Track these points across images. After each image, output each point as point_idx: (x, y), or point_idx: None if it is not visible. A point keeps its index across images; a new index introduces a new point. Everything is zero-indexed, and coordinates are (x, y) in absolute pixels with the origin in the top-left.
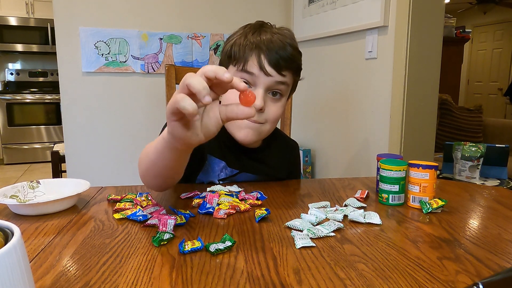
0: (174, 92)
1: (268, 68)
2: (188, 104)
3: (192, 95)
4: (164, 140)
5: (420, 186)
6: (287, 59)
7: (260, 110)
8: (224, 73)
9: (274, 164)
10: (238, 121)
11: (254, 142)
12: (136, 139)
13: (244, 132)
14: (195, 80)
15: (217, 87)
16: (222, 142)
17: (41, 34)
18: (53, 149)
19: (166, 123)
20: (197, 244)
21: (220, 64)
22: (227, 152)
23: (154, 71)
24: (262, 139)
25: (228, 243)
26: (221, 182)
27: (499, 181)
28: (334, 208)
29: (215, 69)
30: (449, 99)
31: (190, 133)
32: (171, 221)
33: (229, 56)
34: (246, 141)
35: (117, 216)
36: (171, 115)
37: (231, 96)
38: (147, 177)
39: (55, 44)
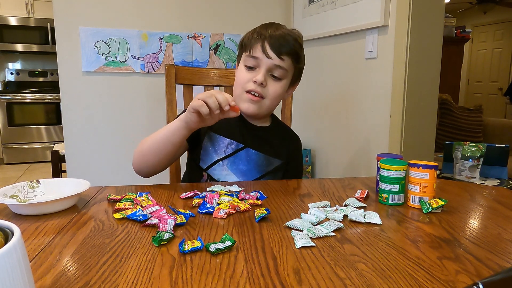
0: (174, 91)
1: (269, 52)
2: (205, 110)
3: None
4: (180, 121)
5: (420, 186)
6: (286, 46)
7: (262, 85)
8: (225, 106)
9: (275, 145)
10: (244, 95)
11: (254, 114)
12: (136, 139)
13: (246, 104)
14: (211, 101)
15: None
16: (231, 121)
17: (41, 34)
18: (53, 149)
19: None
20: (197, 244)
21: (238, 55)
22: (235, 129)
23: (154, 71)
24: (261, 113)
25: (228, 243)
26: (225, 160)
27: (499, 181)
28: (334, 208)
29: (222, 101)
30: (449, 99)
31: (200, 120)
32: (171, 221)
33: (241, 46)
34: (249, 112)
35: (117, 216)
36: (192, 110)
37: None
38: (147, 155)
39: (55, 44)
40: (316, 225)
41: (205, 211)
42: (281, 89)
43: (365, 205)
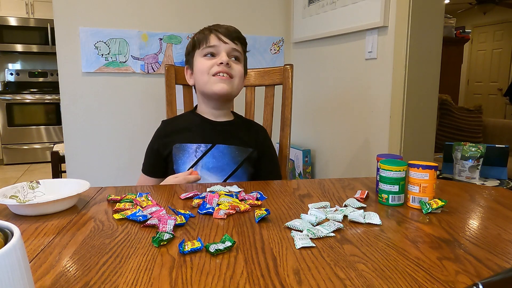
0: (174, 91)
1: (224, 38)
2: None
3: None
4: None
5: (420, 186)
6: (235, 33)
7: (228, 65)
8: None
9: (242, 136)
10: (213, 78)
11: (228, 93)
12: (136, 139)
13: (219, 85)
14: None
15: None
16: (193, 126)
17: (41, 34)
18: (53, 149)
19: (144, 158)
20: (197, 244)
21: (187, 61)
22: (199, 132)
23: (154, 71)
24: (233, 93)
25: (228, 243)
26: (198, 163)
27: (499, 182)
28: (334, 209)
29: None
30: (449, 99)
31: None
32: (171, 221)
33: (193, 46)
34: (224, 91)
35: (117, 216)
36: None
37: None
38: None
39: (55, 44)
40: (316, 225)
41: (205, 211)
42: (242, 69)
43: (365, 205)
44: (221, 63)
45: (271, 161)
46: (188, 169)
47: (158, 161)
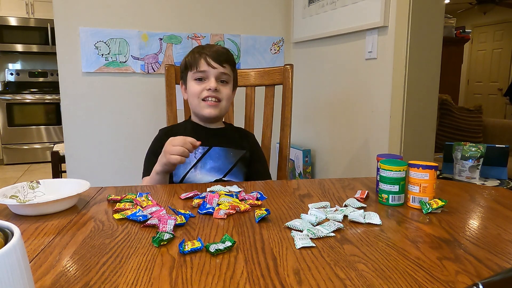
0: (174, 91)
1: (213, 63)
2: (183, 160)
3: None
4: (160, 174)
5: (420, 186)
6: (223, 56)
7: (216, 90)
8: (194, 148)
9: (235, 139)
10: (202, 103)
11: (217, 116)
12: (136, 139)
13: (208, 110)
14: (186, 153)
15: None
16: (190, 132)
17: (41, 34)
18: (53, 149)
19: (145, 163)
20: (197, 244)
21: (181, 76)
22: (197, 137)
23: (154, 71)
24: (222, 114)
25: (228, 243)
26: (197, 165)
27: (499, 182)
28: (334, 209)
29: (191, 148)
30: (449, 99)
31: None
32: (171, 221)
33: (186, 67)
34: (212, 115)
35: (117, 216)
36: (173, 163)
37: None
38: None
39: (55, 44)
40: (316, 225)
41: (205, 211)
42: (230, 90)
43: (365, 205)
44: (210, 89)
45: (259, 162)
46: (187, 172)
47: None
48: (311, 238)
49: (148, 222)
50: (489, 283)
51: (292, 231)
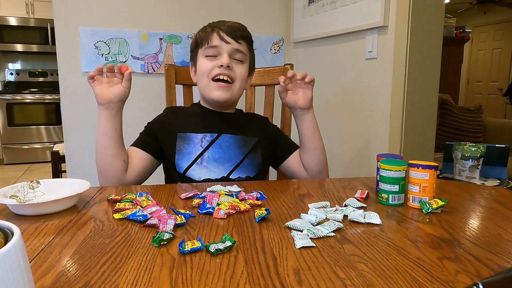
0: (174, 91)
1: (227, 38)
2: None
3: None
4: (100, 118)
5: (420, 186)
6: (239, 31)
7: (228, 67)
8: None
9: (247, 125)
10: (212, 83)
11: (227, 100)
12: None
13: (217, 92)
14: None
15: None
16: (197, 117)
17: (41, 34)
18: (53, 149)
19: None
20: (197, 244)
21: (191, 56)
22: (204, 122)
23: (154, 71)
24: (233, 98)
25: (228, 243)
26: (204, 154)
27: (499, 181)
28: (334, 208)
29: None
30: (449, 99)
31: (103, 90)
32: (171, 221)
33: (196, 44)
34: (221, 99)
35: (117, 216)
36: (89, 77)
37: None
38: (107, 164)
39: (55, 44)
40: (316, 225)
41: (205, 211)
42: (245, 71)
43: (365, 205)
44: (221, 65)
45: (283, 138)
46: (192, 162)
47: (152, 140)
48: (311, 238)
49: (148, 222)
50: (489, 283)
51: (292, 231)
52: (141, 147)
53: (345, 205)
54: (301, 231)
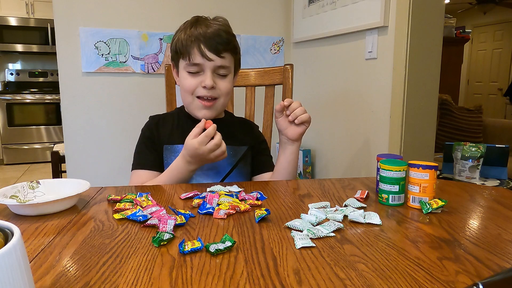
0: (174, 91)
1: (209, 55)
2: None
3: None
4: (187, 168)
5: (420, 186)
6: (223, 43)
7: (212, 88)
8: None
9: (236, 133)
10: (196, 101)
11: (212, 117)
12: (136, 139)
13: (202, 112)
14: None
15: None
16: (184, 126)
17: (41, 34)
18: (53, 149)
19: (137, 155)
20: (197, 244)
21: (172, 59)
22: (188, 132)
23: (154, 71)
24: (219, 112)
25: (228, 243)
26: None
27: (499, 181)
28: (334, 209)
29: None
30: (449, 99)
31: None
32: (171, 221)
33: (176, 52)
34: (207, 117)
35: (117, 216)
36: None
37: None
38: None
39: (55, 44)
40: (316, 225)
41: (205, 211)
42: (230, 84)
43: (365, 205)
44: (205, 86)
45: (263, 153)
46: None
47: (155, 153)
48: (311, 238)
49: (148, 222)
50: (489, 283)
51: (292, 231)
52: (150, 167)
53: (345, 205)
54: (301, 231)
